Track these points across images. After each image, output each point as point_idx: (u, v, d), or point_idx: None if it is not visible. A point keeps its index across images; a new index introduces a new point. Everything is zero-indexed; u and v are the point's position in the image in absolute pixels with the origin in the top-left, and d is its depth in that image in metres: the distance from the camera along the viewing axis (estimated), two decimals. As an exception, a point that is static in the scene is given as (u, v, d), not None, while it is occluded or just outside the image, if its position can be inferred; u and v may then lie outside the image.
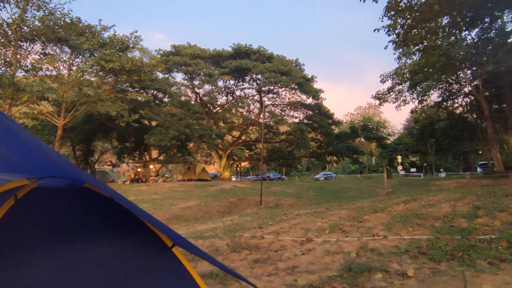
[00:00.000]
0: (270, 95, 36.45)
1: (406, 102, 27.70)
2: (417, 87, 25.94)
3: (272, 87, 34.48)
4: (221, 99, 36.92)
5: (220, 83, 34.50)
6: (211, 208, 13.64)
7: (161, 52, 33.50)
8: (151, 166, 31.42)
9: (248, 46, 34.10)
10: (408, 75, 25.34)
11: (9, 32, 19.14)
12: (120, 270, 2.18)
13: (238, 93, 37.11)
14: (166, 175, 43.27)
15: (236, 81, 35.46)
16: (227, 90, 36.33)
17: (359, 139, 41.44)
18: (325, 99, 35.66)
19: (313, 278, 3.63)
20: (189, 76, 33.63)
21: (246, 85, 36.14)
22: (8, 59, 19.31)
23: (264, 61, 33.21)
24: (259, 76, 32.96)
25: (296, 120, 37.40)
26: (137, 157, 36.43)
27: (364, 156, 44.26)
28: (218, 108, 36.50)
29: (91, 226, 2.17)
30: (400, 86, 27.31)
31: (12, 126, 1.38)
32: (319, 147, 38.68)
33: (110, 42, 23.01)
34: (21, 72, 20.87)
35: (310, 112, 36.40)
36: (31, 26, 19.32)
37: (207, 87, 33.30)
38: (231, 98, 37.01)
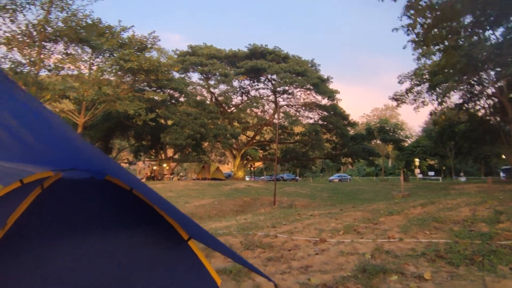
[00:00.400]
0: (285, 96, 36.38)
1: (425, 103, 27.00)
2: (437, 88, 25.22)
3: (287, 88, 34.38)
4: (236, 99, 37.16)
5: (235, 83, 34.72)
6: (225, 206, 13.74)
7: (177, 52, 34.02)
8: (164, 165, 31.94)
9: (263, 46, 34.15)
10: (427, 76, 24.69)
11: (34, 33, 19.90)
12: (136, 261, 2.24)
13: (253, 93, 37.24)
14: (181, 174, 43.87)
15: (251, 81, 35.59)
16: (242, 90, 36.51)
17: (375, 141, 40.72)
18: (341, 100, 35.26)
19: (327, 278, 3.61)
20: (205, 76, 33.99)
21: (261, 85, 36.22)
22: (32, 59, 20.08)
23: (279, 62, 33.17)
24: (274, 77, 32.96)
25: (311, 121, 37.18)
26: (153, 156, 37.12)
27: (380, 158, 43.47)
28: (233, 108, 36.71)
29: (109, 218, 2.24)
30: (419, 87, 26.65)
31: (47, 116, 1.45)
32: (334, 149, 38.27)
33: (129, 42, 23.55)
34: (44, 72, 21.68)
35: (325, 113, 36.08)
36: (54, 27, 20.02)
37: (223, 87, 33.59)
38: (246, 98, 37.17)
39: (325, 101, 35.49)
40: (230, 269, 3.87)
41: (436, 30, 11.46)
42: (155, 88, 27.50)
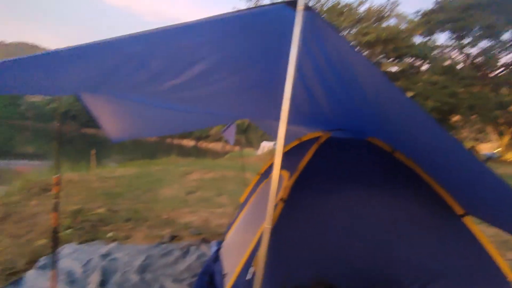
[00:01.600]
0: None
1: None
2: None
3: None
4: (505, 58, 27.86)
5: (507, 35, 25.96)
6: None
7: (420, 13, 29.80)
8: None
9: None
10: None
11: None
12: (400, 223, 2.13)
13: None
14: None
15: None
16: (516, 43, 26.85)
17: None
18: None
19: None
20: (457, 34, 27.82)
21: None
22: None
23: None
24: None
25: None
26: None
27: None
28: (499, 70, 27.99)
29: (372, 177, 2.26)
30: None
31: (353, 73, 1.59)
32: None
33: (367, 15, 23.25)
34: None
35: None
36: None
37: (484, 43, 26.20)
38: (523, 54, 27.16)
39: None
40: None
41: None
42: (393, 59, 25.84)
